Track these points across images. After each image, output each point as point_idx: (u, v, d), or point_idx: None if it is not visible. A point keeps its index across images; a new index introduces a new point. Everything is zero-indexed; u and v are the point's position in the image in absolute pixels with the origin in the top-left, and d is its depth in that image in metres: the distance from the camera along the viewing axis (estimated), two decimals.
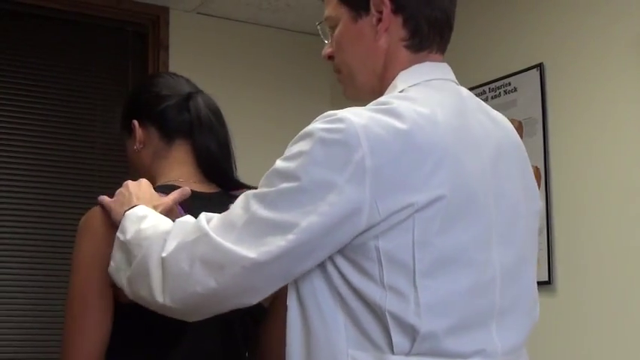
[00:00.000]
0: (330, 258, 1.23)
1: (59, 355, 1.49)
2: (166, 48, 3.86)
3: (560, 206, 3.09)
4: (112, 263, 1.41)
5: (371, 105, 1.26)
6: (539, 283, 1.59)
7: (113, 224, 1.47)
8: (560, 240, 3.08)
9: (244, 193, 1.28)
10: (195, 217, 1.36)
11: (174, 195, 1.52)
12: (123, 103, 1.74)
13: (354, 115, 1.21)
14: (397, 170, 1.18)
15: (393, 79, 1.35)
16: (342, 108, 1.27)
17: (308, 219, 1.18)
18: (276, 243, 1.19)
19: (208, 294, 1.25)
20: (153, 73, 3.70)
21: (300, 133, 1.26)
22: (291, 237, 1.19)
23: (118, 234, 1.41)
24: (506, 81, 3.31)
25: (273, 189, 1.22)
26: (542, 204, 1.46)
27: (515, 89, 3.27)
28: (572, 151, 3.05)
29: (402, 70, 1.35)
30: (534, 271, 1.39)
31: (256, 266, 1.21)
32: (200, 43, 3.97)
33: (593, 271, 2.95)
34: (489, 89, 3.38)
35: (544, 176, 3.10)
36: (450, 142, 1.24)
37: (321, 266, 1.24)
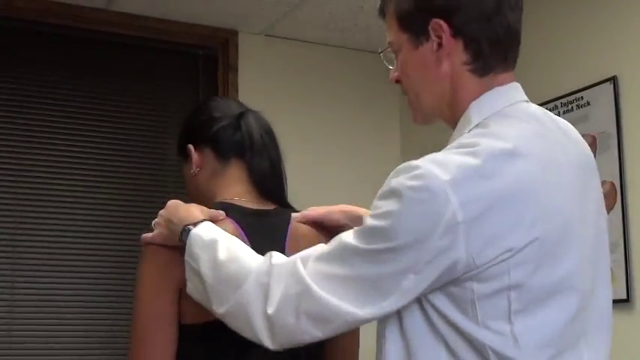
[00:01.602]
0: (425, 294, 1.25)
1: None
2: (236, 70, 3.91)
3: (637, 222, 3.01)
4: (189, 284, 1.42)
5: (453, 147, 1.25)
6: (618, 301, 1.57)
7: (175, 246, 1.48)
8: (638, 257, 3.00)
9: (339, 241, 1.29)
10: (252, 235, 1.42)
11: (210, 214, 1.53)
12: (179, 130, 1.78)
13: (439, 167, 1.20)
14: (489, 220, 1.18)
15: (462, 107, 1.34)
16: (410, 129, 1.27)
17: (407, 279, 1.21)
18: (379, 303, 1.23)
19: (314, 340, 1.30)
20: (204, 99, 3.77)
21: (385, 189, 1.25)
22: (392, 298, 1.22)
23: (188, 259, 1.42)
24: (578, 95, 3.25)
25: (370, 247, 1.23)
26: (613, 218, 1.48)
27: (588, 103, 3.21)
28: None
29: (472, 99, 1.33)
30: (610, 288, 1.39)
31: (360, 322, 1.26)
32: (268, 64, 4.01)
33: None
34: (561, 104, 3.33)
35: (620, 192, 3.03)
36: (537, 177, 1.23)
37: (418, 301, 1.26)
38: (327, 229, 1.66)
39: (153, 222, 1.55)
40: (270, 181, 1.66)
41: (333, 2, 3.65)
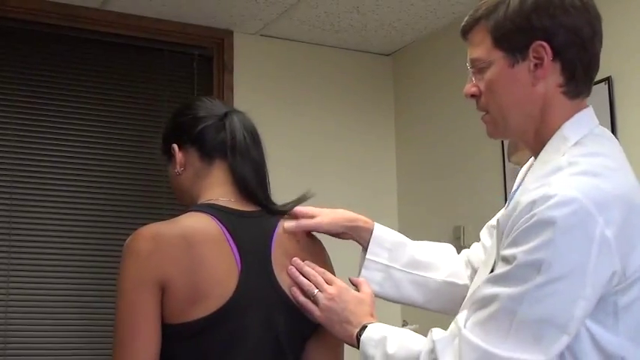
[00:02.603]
0: None
1: None
2: (231, 71, 3.91)
3: None
4: None
5: (566, 169, 1.30)
6: None
7: (160, 243, 1.49)
8: None
9: (491, 288, 1.28)
10: (237, 237, 1.46)
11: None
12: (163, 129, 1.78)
13: (575, 191, 1.24)
14: (629, 231, 1.24)
15: (553, 127, 1.40)
16: (405, 129, 1.30)
17: (579, 307, 1.22)
18: (559, 340, 1.23)
19: None
20: (189, 99, 3.76)
21: (532, 223, 1.25)
22: (571, 330, 1.23)
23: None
24: None
25: (529, 284, 1.23)
26: None
27: None
28: None
29: (564, 120, 1.40)
30: None
31: None
32: (264, 65, 4.01)
33: None
34: None
35: None
36: (637, 184, 1.33)
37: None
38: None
39: (318, 294, 1.57)
40: (252, 182, 1.65)
41: (329, 2, 3.65)
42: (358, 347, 1.50)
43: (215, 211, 1.57)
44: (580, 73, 1.39)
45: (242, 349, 1.37)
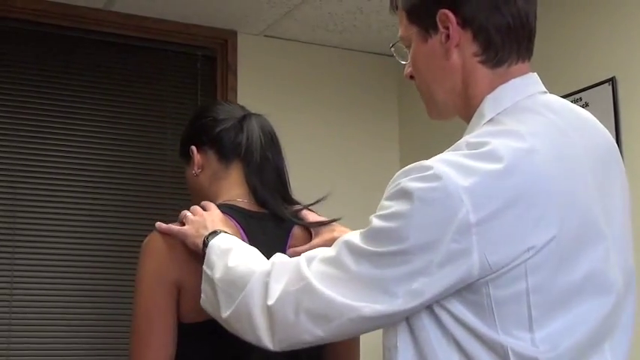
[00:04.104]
0: (438, 300, 1.19)
1: None
2: (235, 71, 3.91)
3: (637, 223, 3.00)
4: (202, 296, 1.43)
5: (465, 149, 1.20)
6: None
7: (174, 245, 1.52)
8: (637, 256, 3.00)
9: (345, 243, 1.25)
10: (252, 238, 1.39)
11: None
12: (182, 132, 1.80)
13: (450, 168, 1.16)
14: (505, 220, 1.14)
15: (477, 100, 1.30)
16: (409, 129, 1.26)
17: (417, 281, 1.16)
18: (386, 303, 1.18)
19: (316, 341, 1.26)
20: (207, 102, 3.78)
21: (394, 189, 1.20)
22: (400, 300, 1.17)
23: (205, 268, 1.43)
24: (577, 96, 3.26)
25: (378, 249, 1.19)
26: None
27: (586, 104, 3.21)
28: None
29: (487, 92, 1.29)
30: (634, 287, 1.33)
31: (364, 320, 1.20)
32: (268, 65, 4.01)
33: None
34: None
35: None
36: (554, 174, 1.18)
37: (429, 307, 1.20)
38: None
39: (183, 214, 1.57)
40: (264, 186, 1.66)
41: (332, 3, 3.65)
42: (203, 253, 1.46)
43: (233, 211, 1.60)
44: (497, 38, 1.27)
45: (256, 349, 1.38)
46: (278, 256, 1.35)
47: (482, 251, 1.14)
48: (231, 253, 1.40)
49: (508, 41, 1.29)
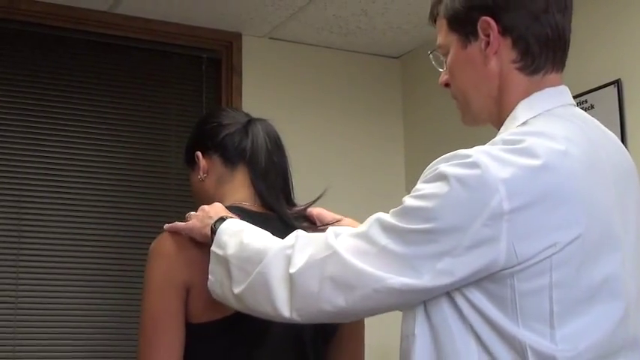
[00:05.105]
0: (460, 289, 1.22)
1: None
2: (239, 73, 3.91)
3: None
4: (211, 277, 1.44)
5: (502, 144, 1.24)
6: None
7: (184, 245, 1.53)
8: None
9: (377, 218, 1.27)
10: None
11: None
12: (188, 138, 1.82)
13: (489, 158, 1.20)
14: (533, 214, 1.18)
15: (511, 106, 1.34)
16: (414, 131, 1.28)
17: (443, 261, 1.19)
18: (412, 278, 1.20)
19: (336, 312, 1.27)
20: (212, 108, 3.79)
21: (432, 173, 1.25)
22: (426, 277, 1.20)
23: (214, 249, 1.44)
24: (582, 98, 3.25)
25: (409, 226, 1.22)
26: None
27: (592, 106, 3.20)
28: None
29: (522, 98, 1.33)
30: None
31: (388, 291, 1.22)
32: (272, 67, 4.01)
33: None
34: None
35: None
36: (584, 177, 1.22)
37: (450, 296, 1.23)
38: None
39: (188, 214, 1.59)
40: (268, 189, 1.68)
41: (337, 5, 3.65)
42: (212, 240, 1.46)
43: (239, 212, 1.60)
44: (535, 47, 1.33)
45: (264, 349, 1.39)
46: (300, 231, 1.37)
47: (510, 240, 1.17)
48: (245, 232, 1.42)
49: (545, 50, 1.35)
